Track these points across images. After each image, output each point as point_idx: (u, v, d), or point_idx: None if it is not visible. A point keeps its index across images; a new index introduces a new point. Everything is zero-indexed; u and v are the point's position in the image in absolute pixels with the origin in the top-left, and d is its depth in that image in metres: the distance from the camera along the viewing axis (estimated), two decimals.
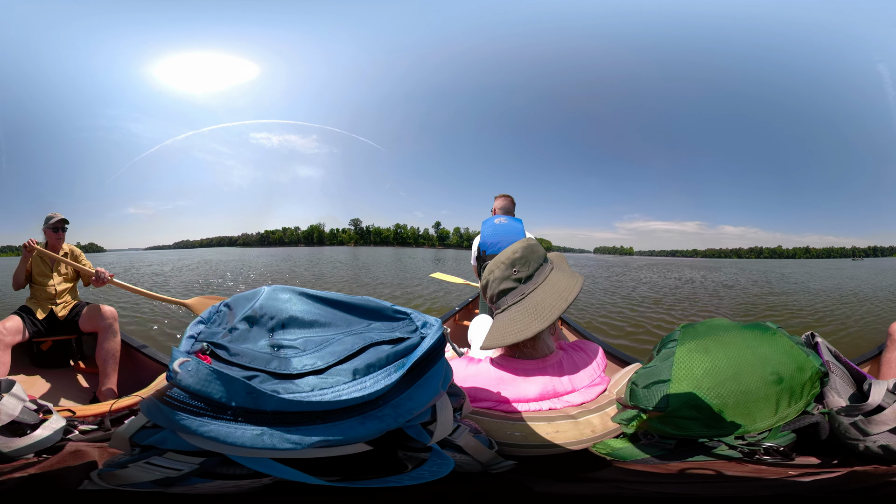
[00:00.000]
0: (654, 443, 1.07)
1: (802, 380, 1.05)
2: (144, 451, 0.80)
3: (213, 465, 0.79)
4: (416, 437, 0.85)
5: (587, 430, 1.12)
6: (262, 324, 0.94)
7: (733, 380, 1.03)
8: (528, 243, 1.31)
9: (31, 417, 1.06)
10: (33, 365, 3.04)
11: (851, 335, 7.59)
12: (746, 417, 1.02)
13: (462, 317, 4.48)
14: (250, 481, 0.81)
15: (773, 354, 1.07)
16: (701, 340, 1.13)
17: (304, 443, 0.73)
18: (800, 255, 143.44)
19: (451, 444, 0.93)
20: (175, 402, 0.73)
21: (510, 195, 3.75)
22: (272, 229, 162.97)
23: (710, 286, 17.54)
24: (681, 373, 1.06)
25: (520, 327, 1.19)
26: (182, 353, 0.80)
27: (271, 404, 0.73)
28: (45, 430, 1.06)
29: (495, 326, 1.24)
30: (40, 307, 2.99)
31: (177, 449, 0.78)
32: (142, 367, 3.04)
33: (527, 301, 1.24)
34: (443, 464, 0.86)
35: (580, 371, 1.26)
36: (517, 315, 1.22)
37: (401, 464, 0.86)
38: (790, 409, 1.03)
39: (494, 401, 1.19)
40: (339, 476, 0.81)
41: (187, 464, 0.79)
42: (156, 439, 0.78)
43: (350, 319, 0.97)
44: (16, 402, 1.05)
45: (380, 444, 0.81)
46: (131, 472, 0.79)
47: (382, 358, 0.83)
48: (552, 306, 1.21)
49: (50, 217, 3.05)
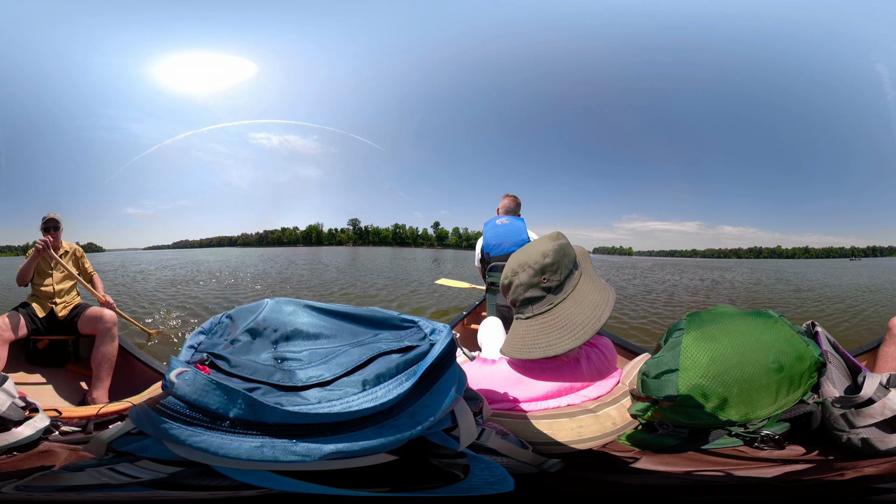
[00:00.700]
0: (670, 432, 1.07)
1: (801, 369, 1.06)
2: (118, 456, 0.77)
3: (188, 475, 0.77)
4: (441, 444, 0.84)
5: (608, 424, 1.12)
6: (265, 336, 0.92)
7: (737, 367, 1.03)
8: (560, 246, 1.24)
9: (16, 414, 1.05)
10: (28, 362, 3.05)
11: (854, 325, 7.63)
12: (749, 405, 1.02)
13: (470, 321, 4.48)
14: (219, 493, 0.78)
15: (774, 342, 1.08)
16: (706, 328, 1.13)
17: (315, 454, 0.70)
18: (799, 255, 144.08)
19: (483, 448, 0.92)
20: (168, 411, 0.70)
21: (515, 195, 3.74)
22: (271, 229, 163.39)
23: (740, 286, 17.24)
24: (688, 361, 1.06)
25: (548, 342, 1.15)
26: (181, 362, 0.78)
27: (274, 416, 0.71)
28: (28, 428, 1.06)
29: (518, 334, 1.21)
30: (41, 305, 2.99)
31: (156, 458, 0.75)
32: (137, 373, 3.02)
33: (556, 312, 1.19)
34: (493, 467, 0.85)
35: (594, 364, 1.25)
36: (546, 327, 1.17)
37: (446, 472, 0.84)
38: (788, 397, 1.04)
39: (512, 401, 1.18)
40: (390, 487, 0.79)
41: (155, 472, 0.76)
42: (136, 447, 0.75)
43: (356, 330, 0.96)
44: (5, 397, 1.04)
45: (405, 453, 0.80)
46: (81, 475, 0.77)
47: (392, 367, 0.82)
48: (584, 325, 1.16)
49: (44, 218, 3.09)
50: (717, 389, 1.02)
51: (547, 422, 1.11)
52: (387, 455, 0.77)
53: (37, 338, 3.02)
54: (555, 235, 1.29)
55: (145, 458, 0.75)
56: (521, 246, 1.69)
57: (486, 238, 3.47)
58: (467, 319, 4.43)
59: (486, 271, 3.47)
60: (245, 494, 0.78)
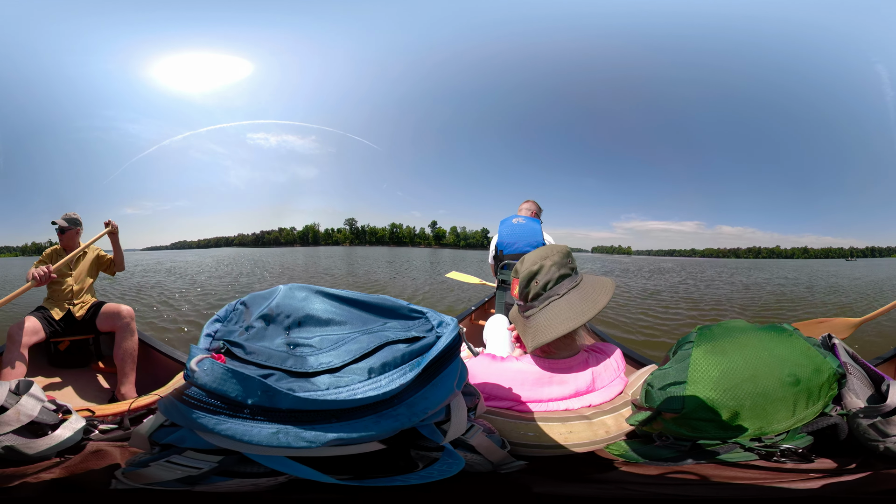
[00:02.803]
0: (669, 444, 1.07)
1: (820, 381, 1.04)
2: (164, 449, 0.80)
3: (231, 463, 0.80)
4: (429, 436, 0.85)
5: (601, 431, 1.12)
6: (278, 322, 0.94)
7: (750, 381, 1.03)
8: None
9: (50, 418, 1.06)
10: (51, 365, 3.04)
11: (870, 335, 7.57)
12: (763, 419, 1.02)
13: (478, 316, 4.47)
14: (267, 479, 0.81)
15: (789, 356, 1.07)
16: (717, 342, 1.13)
17: (320, 441, 0.73)
18: (798, 256, 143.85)
19: (464, 443, 0.93)
20: (192, 401, 0.73)
21: (535, 201, 3.76)
22: (268, 230, 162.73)
23: (769, 288, 16.73)
24: (697, 374, 1.06)
25: (593, 300, 1.26)
26: (201, 350, 0.81)
27: (287, 402, 0.73)
28: (66, 430, 1.06)
29: (561, 309, 1.26)
30: (57, 307, 2.98)
31: (195, 447, 0.78)
32: (159, 365, 3.04)
33: (584, 284, 1.32)
34: (453, 463, 0.86)
35: (602, 371, 1.27)
36: (583, 294, 1.29)
37: (412, 462, 0.86)
38: (808, 410, 1.03)
39: (513, 400, 1.20)
40: (351, 474, 0.81)
41: (206, 462, 0.79)
42: (174, 438, 0.78)
43: (366, 318, 0.97)
44: (34, 402, 1.04)
45: (394, 442, 0.82)
46: (154, 470, 0.79)
47: (398, 357, 0.83)
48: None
49: (62, 218, 3.07)
50: (729, 403, 1.02)
51: (537, 424, 1.12)
52: (378, 444, 0.79)
53: (57, 340, 3.00)
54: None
55: (188, 449, 0.78)
56: (535, 247, 1.76)
57: (501, 235, 3.48)
58: (475, 315, 4.43)
59: (499, 268, 3.48)
60: (279, 481, 0.81)
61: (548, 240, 3.37)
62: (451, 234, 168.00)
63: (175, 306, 9.71)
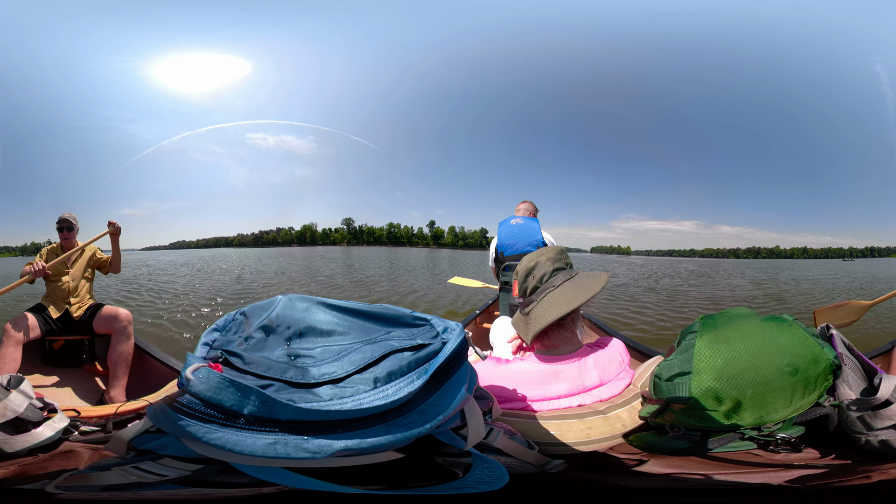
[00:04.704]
0: (682, 435, 1.07)
1: (816, 372, 1.06)
2: (139, 455, 0.78)
3: (210, 472, 0.77)
4: (449, 442, 0.84)
5: (618, 425, 1.13)
6: (278, 333, 0.93)
7: (751, 370, 1.03)
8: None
9: (35, 415, 1.05)
10: (44, 363, 3.04)
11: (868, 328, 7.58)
12: (763, 408, 1.02)
13: (483, 320, 4.44)
14: (245, 490, 0.79)
15: (789, 345, 1.08)
16: (720, 331, 1.13)
17: (325, 451, 0.71)
18: (797, 255, 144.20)
19: (489, 447, 0.92)
20: (184, 409, 0.71)
21: (532, 202, 3.76)
22: (266, 229, 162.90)
23: (804, 287, 16.93)
24: (701, 364, 1.06)
25: (583, 290, 1.30)
26: (197, 358, 0.79)
27: (287, 413, 0.72)
28: (47, 429, 1.06)
29: (556, 297, 1.30)
30: (55, 305, 2.97)
31: (175, 455, 0.76)
32: (153, 371, 3.01)
33: (577, 278, 1.36)
34: (494, 467, 0.85)
35: (607, 365, 1.28)
36: (577, 283, 1.33)
37: (447, 471, 0.84)
38: (804, 400, 1.04)
39: (525, 401, 1.19)
40: (384, 484, 0.79)
41: (179, 470, 0.77)
42: (155, 444, 0.77)
43: (369, 328, 0.96)
44: (22, 398, 1.04)
45: (412, 451, 0.80)
46: (109, 475, 0.78)
47: (404, 365, 0.82)
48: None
49: (59, 218, 3.08)
50: (731, 392, 1.02)
51: (556, 422, 1.11)
52: (394, 453, 0.77)
53: (52, 338, 3.00)
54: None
55: (166, 456, 0.76)
56: (536, 247, 1.76)
57: (500, 237, 3.47)
58: (480, 318, 4.41)
59: (500, 270, 3.47)
60: (265, 491, 0.79)
61: (547, 238, 3.36)
62: (450, 235, 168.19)
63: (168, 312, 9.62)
